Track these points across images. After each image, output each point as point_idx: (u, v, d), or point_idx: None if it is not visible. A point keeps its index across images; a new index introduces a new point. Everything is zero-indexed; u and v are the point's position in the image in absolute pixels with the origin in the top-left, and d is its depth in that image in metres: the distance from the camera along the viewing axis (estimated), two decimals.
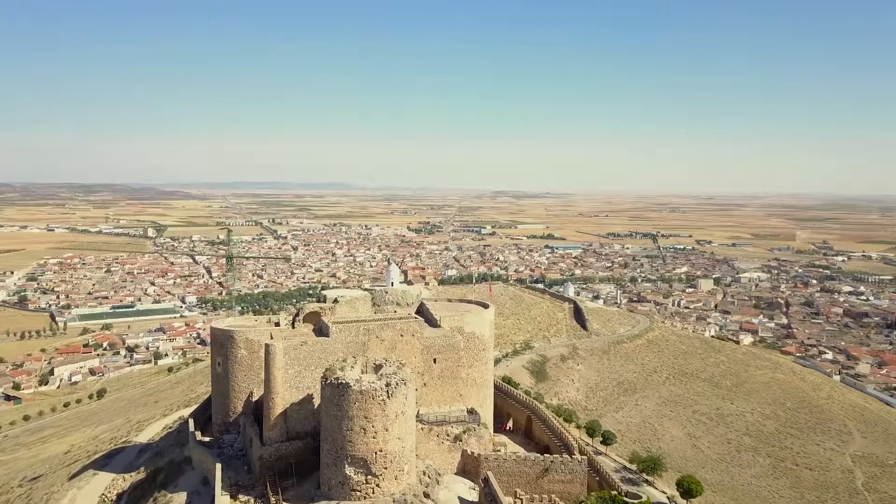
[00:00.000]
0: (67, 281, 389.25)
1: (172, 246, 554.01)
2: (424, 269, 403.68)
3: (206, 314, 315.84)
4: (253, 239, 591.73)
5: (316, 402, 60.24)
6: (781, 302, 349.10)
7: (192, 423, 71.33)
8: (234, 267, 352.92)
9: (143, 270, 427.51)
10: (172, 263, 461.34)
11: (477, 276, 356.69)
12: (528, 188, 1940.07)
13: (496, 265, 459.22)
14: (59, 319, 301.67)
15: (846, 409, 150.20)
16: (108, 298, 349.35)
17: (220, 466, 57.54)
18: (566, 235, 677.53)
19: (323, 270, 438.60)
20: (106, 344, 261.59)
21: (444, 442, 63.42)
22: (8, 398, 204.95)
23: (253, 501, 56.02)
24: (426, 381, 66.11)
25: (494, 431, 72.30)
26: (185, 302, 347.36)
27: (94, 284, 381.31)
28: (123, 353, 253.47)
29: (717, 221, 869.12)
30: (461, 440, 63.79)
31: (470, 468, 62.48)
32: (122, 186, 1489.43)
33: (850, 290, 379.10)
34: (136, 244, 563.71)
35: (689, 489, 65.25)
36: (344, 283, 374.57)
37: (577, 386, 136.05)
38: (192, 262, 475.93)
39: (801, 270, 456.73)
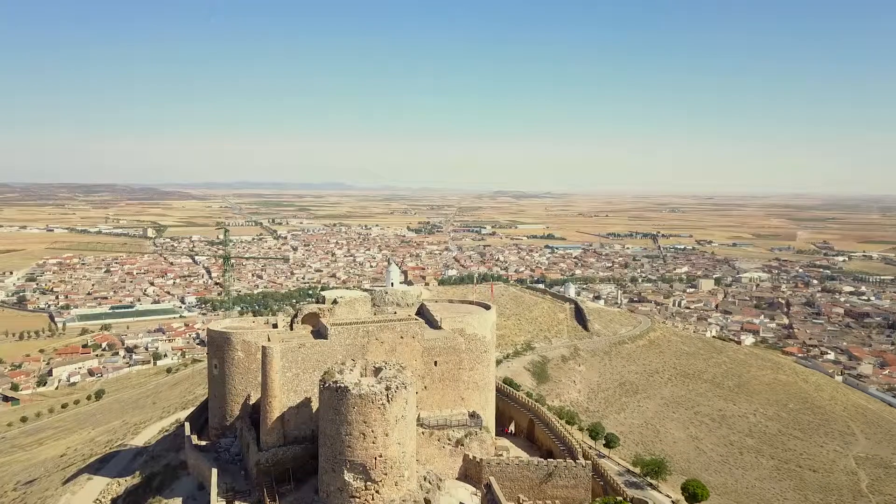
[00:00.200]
0: (67, 281, 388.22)
1: (172, 246, 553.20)
2: (424, 269, 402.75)
3: (205, 314, 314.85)
4: (253, 239, 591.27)
5: (314, 405, 59.02)
6: (782, 302, 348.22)
7: (188, 426, 70.13)
8: (230, 267, 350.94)
9: (142, 271, 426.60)
10: (172, 264, 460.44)
11: (477, 276, 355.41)
12: (528, 188, 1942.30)
13: (496, 265, 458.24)
14: (57, 320, 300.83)
15: (849, 410, 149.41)
16: (107, 299, 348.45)
17: (215, 472, 56.39)
18: (566, 235, 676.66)
19: (323, 271, 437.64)
20: (105, 344, 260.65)
21: (445, 446, 62.25)
22: (6, 399, 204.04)
23: None
24: (427, 384, 64.91)
25: (496, 435, 71.17)
26: (184, 302, 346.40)
27: (93, 285, 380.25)
28: (122, 353, 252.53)
29: (717, 221, 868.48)
30: (463, 444, 62.62)
31: (472, 473, 61.33)
32: (122, 186, 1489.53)
33: (851, 290, 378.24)
34: (135, 244, 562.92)
35: (694, 493, 64.25)
36: (344, 283, 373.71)
37: (578, 387, 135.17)
38: (191, 262, 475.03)
39: (801, 270, 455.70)
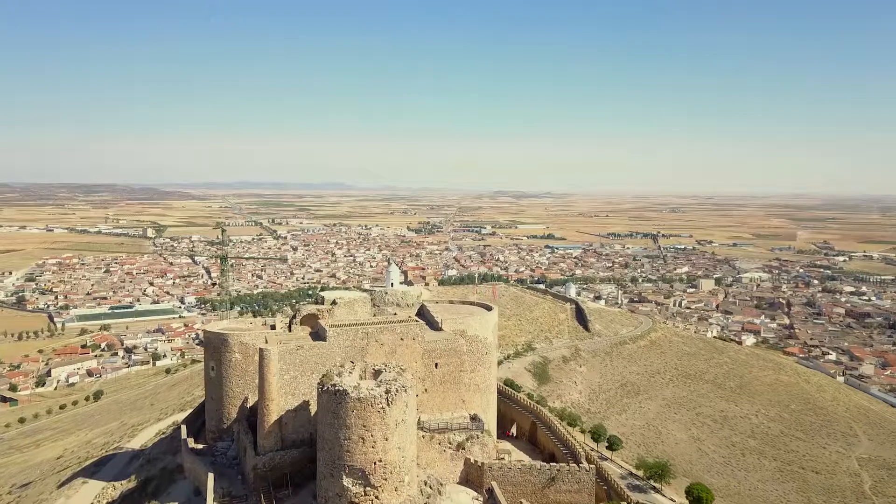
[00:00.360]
0: (66, 281, 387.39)
1: (172, 246, 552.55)
2: (424, 269, 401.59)
3: (204, 315, 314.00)
4: (252, 239, 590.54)
5: (312, 409, 58.04)
6: (783, 302, 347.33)
7: (184, 429, 69.10)
8: (228, 268, 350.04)
9: (142, 271, 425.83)
10: (171, 264, 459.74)
11: (478, 276, 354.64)
12: (528, 188, 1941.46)
13: (496, 265, 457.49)
14: (57, 320, 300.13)
15: (851, 411, 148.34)
16: (106, 299, 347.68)
17: (212, 476, 55.48)
18: (566, 235, 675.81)
19: (323, 271, 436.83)
20: (104, 345, 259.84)
21: (446, 450, 61.16)
22: (4, 400, 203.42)
23: None
24: (427, 386, 63.92)
25: (498, 438, 70.21)
26: (183, 302, 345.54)
27: (92, 285, 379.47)
28: (121, 353, 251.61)
29: (717, 221, 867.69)
30: (464, 448, 61.54)
31: (473, 477, 60.32)
32: (121, 186, 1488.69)
33: (851, 290, 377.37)
34: (135, 244, 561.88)
35: (699, 497, 63.22)
36: (344, 283, 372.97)
37: (579, 388, 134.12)
38: (191, 262, 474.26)
39: (802, 270, 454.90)
